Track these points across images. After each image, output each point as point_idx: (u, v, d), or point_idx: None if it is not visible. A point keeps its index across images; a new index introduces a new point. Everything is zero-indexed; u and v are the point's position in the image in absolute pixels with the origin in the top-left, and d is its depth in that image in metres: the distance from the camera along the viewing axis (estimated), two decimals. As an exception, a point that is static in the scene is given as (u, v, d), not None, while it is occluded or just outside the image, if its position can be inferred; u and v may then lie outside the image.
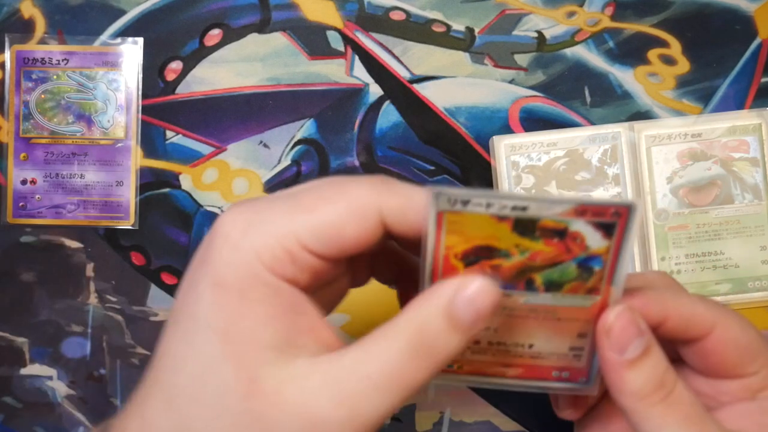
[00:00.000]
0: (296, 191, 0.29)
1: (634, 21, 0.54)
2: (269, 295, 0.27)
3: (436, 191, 0.26)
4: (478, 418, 0.53)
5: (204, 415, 0.26)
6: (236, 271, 0.26)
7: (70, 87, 0.54)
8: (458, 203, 0.26)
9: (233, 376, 0.26)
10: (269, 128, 0.54)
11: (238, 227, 0.27)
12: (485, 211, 0.26)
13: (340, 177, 0.29)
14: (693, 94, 0.54)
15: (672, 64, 0.54)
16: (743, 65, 0.54)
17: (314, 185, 0.29)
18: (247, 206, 0.28)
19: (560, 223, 0.27)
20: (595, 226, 0.27)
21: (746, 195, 0.53)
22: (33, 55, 0.54)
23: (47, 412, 0.53)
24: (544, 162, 0.53)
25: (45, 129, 0.54)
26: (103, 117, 0.54)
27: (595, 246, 0.27)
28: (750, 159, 0.53)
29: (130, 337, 0.53)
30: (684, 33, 0.54)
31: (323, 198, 0.28)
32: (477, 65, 0.54)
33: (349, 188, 0.28)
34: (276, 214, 0.27)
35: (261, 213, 0.27)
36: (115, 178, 0.54)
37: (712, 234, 0.53)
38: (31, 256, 0.54)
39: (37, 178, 0.54)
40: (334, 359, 0.26)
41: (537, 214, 0.26)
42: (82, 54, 0.54)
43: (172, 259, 0.54)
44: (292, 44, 0.54)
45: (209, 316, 0.26)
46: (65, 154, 0.54)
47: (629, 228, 0.27)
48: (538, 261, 0.28)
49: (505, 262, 0.28)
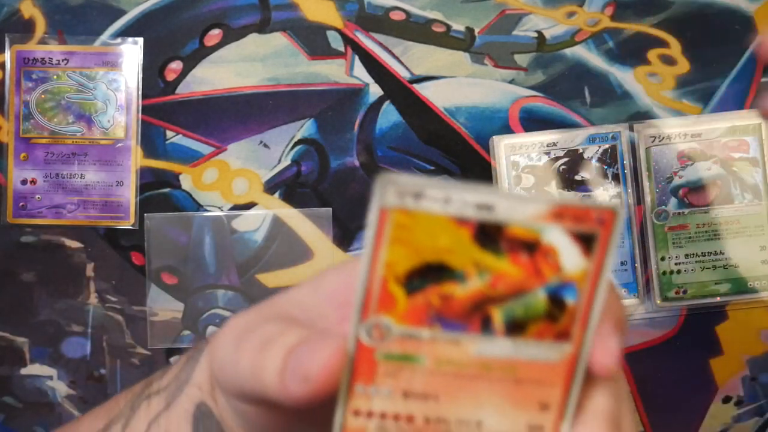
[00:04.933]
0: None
1: (634, 21, 0.54)
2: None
3: (384, 179, 0.22)
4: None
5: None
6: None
7: (70, 87, 0.54)
8: (409, 197, 0.22)
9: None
10: (269, 128, 0.54)
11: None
12: (442, 209, 0.22)
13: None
14: (693, 94, 0.54)
15: (672, 65, 0.54)
16: (743, 65, 0.54)
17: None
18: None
19: (532, 232, 0.22)
20: (574, 238, 0.22)
21: (746, 195, 0.53)
22: (33, 55, 0.54)
23: (47, 412, 0.53)
24: (544, 162, 0.53)
25: (45, 129, 0.54)
26: (103, 117, 0.54)
27: (571, 268, 0.22)
28: (750, 159, 0.53)
29: (130, 337, 0.53)
30: (684, 33, 0.54)
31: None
32: (477, 65, 0.54)
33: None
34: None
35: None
36: (115, 178, 0.54)
37: (711, 234, 0.53)
38: (31, 256, 0.54)
39: (37, 178, 0.54)
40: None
41: (505, 217, 0.22)
42: (82, 54, 0.54)
43: (171, 259, 0.54)
44: (292, 44, 0.54)
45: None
46: (65, 154, 0.54)
47: (612, 243, 0.22)
48: (500, 289, 0.22)
49: (459, 289, 0.22)
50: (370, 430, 0.23)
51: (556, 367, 0.23)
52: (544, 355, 0.23)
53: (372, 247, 0.22)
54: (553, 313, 0.23)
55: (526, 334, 0.23)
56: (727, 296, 0.53)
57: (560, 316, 0.23)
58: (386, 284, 0.22)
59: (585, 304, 0.23)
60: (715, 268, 0.53)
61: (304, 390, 0.22)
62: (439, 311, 0.22)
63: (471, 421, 0.23)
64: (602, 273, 0.22)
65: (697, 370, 0.53)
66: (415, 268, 0.22)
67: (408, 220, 0.22)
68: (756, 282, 0.52)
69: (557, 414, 0.23)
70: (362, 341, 0.23)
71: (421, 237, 0.22)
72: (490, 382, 0.23)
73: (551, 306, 0.23)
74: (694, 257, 0.53)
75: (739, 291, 0.52)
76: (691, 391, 0.53)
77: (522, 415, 0.23)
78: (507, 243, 0.22)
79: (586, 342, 0.23)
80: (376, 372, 0.23)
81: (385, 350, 0.23)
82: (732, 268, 0.52)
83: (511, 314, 0.22)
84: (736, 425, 0.53)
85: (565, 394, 0.23)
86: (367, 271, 0.22)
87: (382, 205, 0.22)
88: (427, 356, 0.23)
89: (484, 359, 0.23)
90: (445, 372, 0.23)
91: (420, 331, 0.23)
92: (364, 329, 0.23)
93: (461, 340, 0.23)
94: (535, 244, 0.22)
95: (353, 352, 0.23)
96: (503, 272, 0.22)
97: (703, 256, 0.53)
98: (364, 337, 0.23)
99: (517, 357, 0.23)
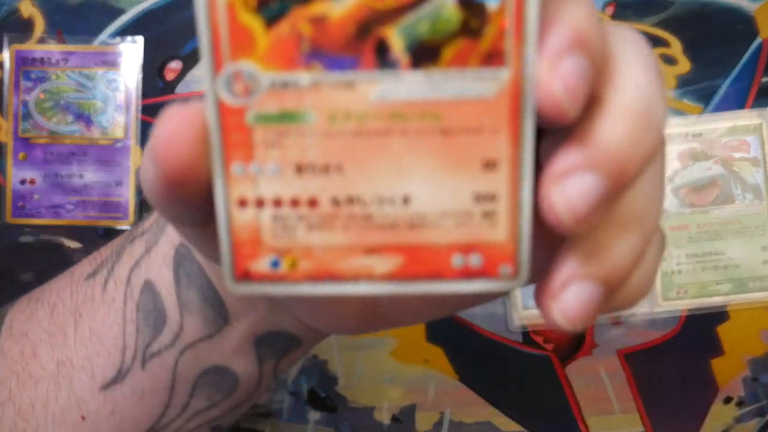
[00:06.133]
0: None
1: (635, 20, 0.54)
2: None
3: None
4: (478, 418, 0.53)
5: None
6: None
7: (69, 87, 0.54)
8: None
9: None
10: (269, 128, 0.54)
11: None
12: None
13: None
14: (693, 94, 0.54)
15: (672, 64, 0.54)
16: (744, 65, 0.54)
17: None
18: None
19: None
20: None
21: (747, 195, 0.53)
22: (32, 55, 0.54)
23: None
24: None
25: (44, 129, 0.53)
26: (102, 117, 0.54)
27: None
28: (750, 159, 0.53)
29: (129, 337, 0.53)
30: (684, 33, 0.54)
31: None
32: (477, 65, 0.54)
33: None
34: None
35: None
36: (115, 178, 0.53)
37: (712, 234, 0.53)
38: (30, 257, 0.54)
39: (36, 178, 0.53)
40: None
41: None
42: (82, 54, 0.54)
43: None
44: (292, 44, 0.54)
45: None
46: (64, 154, 0.53)
47: None
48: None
49: (333, 6, 0.16)
50: (265, 224, 0.17)
51: (495, 105, 0.17)
52: (474, 89, 0.16)
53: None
54: (471, 25, 0.16)
55: (440, 62, 0.16)
56: (728, 296, 0.52)
57: (482, 27, 0.16)
58: (234, 14, 0.16)
59: (515, 5, 0.16)
60: (715, 268, 0.52)
61: (173, 165, 0.17)
62: (315, 43, 0.16)
63: (395, 197, 0.17)
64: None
65: (698, 371, 0.53)
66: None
67: None
68: (757, 282, 0.52)
69: (510, 174, 0.17)
70: (223, 100, 0.17)
71: None
72: (408, 139, 0.17)
73: (466, 14, 0.16)
74: (695, 257, 0.52)
75: (740, 291, 0.52)
76: (692, 392, 0.53)
77: (462, 180, 0.17)
78: None
79: (527, 61, 0.16)
80: (252, 143, 0.17)
81: (256, 110, 0.17)
82: (733, 269, 0.52)
83: (413, 34, 0.16)
84: (737, 426, 0.53)
85: (514, 143, 0.17)
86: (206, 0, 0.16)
87: None
88: (314, 110, 0.17)
89: (392, 105, 0.17)
90: (344, 130, 0.17)
91: (296, 75, 0.16)
92: (223, 83, 0.17)
93: (354, 81, 0.16)
94: None
95: (216, 117, 0.17)
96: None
97: (704, 256, 0.52)
98: (225, 95, 0.17)
99: (436, 97, 0.16)
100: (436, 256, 0.17)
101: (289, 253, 0.18)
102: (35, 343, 0.30)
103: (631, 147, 0.17)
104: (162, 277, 0.27)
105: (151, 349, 0.27)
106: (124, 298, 0.28)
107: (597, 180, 0.17)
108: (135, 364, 0.28)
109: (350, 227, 0.17)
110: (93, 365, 0.28)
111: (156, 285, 0.27)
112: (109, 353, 0.28)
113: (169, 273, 0.27)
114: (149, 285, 0.27)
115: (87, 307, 0.29)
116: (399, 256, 0.17)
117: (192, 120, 0.17)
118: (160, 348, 0.27)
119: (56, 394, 0.29)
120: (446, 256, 0.17)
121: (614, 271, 0.18)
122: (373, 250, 0.17)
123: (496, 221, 0.17)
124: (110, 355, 0.28)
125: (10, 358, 0.30)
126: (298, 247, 0.17)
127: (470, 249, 0.17)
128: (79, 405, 0.29)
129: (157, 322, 0.27)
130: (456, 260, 0.17)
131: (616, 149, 0.17)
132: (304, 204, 0.17)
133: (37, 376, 0.29)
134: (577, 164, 0.17)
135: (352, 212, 0.17)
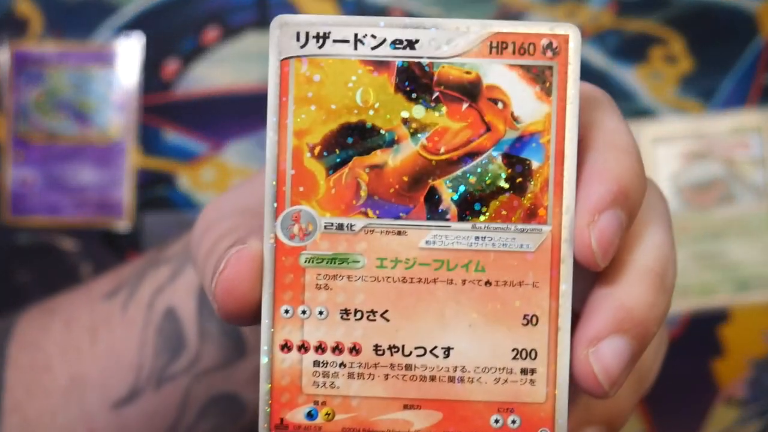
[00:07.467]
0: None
1: (636, 19, 0.54)
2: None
3: (279, 20, 0.18)
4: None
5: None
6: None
7: (67, 86, 0.53)
8: (311, 40, 0.18)
9: None
10: (268, 127, 0.54)
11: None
12: (354, 52, 0.17)
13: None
14: (695, 93, 0.53)
15: (674, 63, 0.54)
16: (746, 64, 0.54)
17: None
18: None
19: (469, 73, 0.17)
20: (524, 75, 0.17)
21: (748, 195, 0.52)
22: (30, 54, 0.53)
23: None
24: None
25: (41, 128, 0.53)
26: (100, 116, 0.53)
27: (527, 115, 0.17)
28: (752, 158, 0.52)
29: (127, 338, 0.53)
30: (686, 31, 0.54)
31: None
32: (477, 64, 0.54)
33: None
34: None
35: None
36: (112, 177, 0.53)
37: (714, 234, 0.52)
38: (27, 257, 0.53)
39: (33, 178, 0.53)
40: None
41: (431, 54, 0.18)
42: (79, 52, 0.53)
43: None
44: (291, 43, 0.54)
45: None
46: (62, 154, 0.53)
47: (572, 76, 0.17)
48: (443, 150, 0.17)
49: (390, 157, 0.17)
50: (306, 370, 0.18)
51: (536, 261, 0.17)
52: (517, 243, 0.17)
53: (276, 112, 0.18)
54: (516, 181, 0.17)
55: (486, 215, 0.17)
56: (729, 297, 0.52)
57: (526, 184, 0.17)
58: (300, 159, 0.17)
59: (556, 164, 0.17)
60: (717, 269, 0.52)
61: (231, 306, 0.18)
62: (371, 190, 0.17)
63: (437, 348, 0.17)
64: (569, 118, 0.17)
65: (700, 372, 0.53)
66: (333, 134, 0.17)
67: (317, 70, 0.18)
68: (759, 282, 0.52)
69: (550, 330, 0.17)
70: (281, 240, 0.17)
71: (334, 90, 0.18)
72: (453, 288, 0.17)
73: (512, 171, 0.17)
74: (697, 258, 0.52)
75: (742, 292, 0.52)
76: (693, 393, 0.53)
77: (503, 334, 0.17)
78: (440, 88, 0.17)
79: (567, 218, 0.17)
80: (303, 284, 0.18)
81: (310, 252, 0.18)
82: (735, 269, 0.52)
83: (461, 187, 0.17)
84: (739, 427, 0.53)
85: (554, 299, 0.17)
86: (275, 145, 0.18)
87: (281, 54, 0.18)
88: (365, 255, 0.17)
89: (438, 253, 0.17)
90: (392, 276, 0.17)
91: (351, 220, 0.17)
92: (281, 225, 0.17)
93: (405, 228, 0.17)
94: (476, 84, 0.17)
95: (271, 258, 0.18)
96: (441, 129, 0.17)
97: (706, 257, 0.52)
98: (283, 236, 0.17)
99: (480, 248, 0.17)
100: (476, 415, 0.17)
101: (327, 404, 0.18)
102: (49, 355, 0.31)
103: (653, 309, 0.18)
104: (185, 306, 0.28)
105: (167, 373, 0.28)
106: (144, 321, 0.29)
107: (626, 343, 0.17)
108: (149, 385, 0.28)
109: (390, 377, 0.17)
110: (106, 383, 0.29)
111: (179, 312, 0.28)
112: (124, 373, 0.29)
113: (193, 303, 0.28)
114: (172, 312, 0.28)
115: (105, 326, 0.30)
116: (438, 412, 0.17)
117: (251, 265, 0.17)
118: (175, 372, 0.28)
119: (66, 408, 0.29)
120: (485, 415, 0.17)
121: (618, 420, 0.20)
122: (412, 405, 0.17)
123: (535, 380, 0.17)
124: (125, 375, 0.29)
125: (20, 368, 0.31)
126: (336, 398, 0.17)
127: (509, 409, 0.17)
128: (87, 421, 0.29)
129: (176, 348, 0.28)
130: (495, 421, 0.17)
131: (640, 312, 0.18)
132: (346, 350, 0.17)
133: (48, 388, 0.30)
134: (607, 328, 0.17)
135: (394, 361, 0.17)
